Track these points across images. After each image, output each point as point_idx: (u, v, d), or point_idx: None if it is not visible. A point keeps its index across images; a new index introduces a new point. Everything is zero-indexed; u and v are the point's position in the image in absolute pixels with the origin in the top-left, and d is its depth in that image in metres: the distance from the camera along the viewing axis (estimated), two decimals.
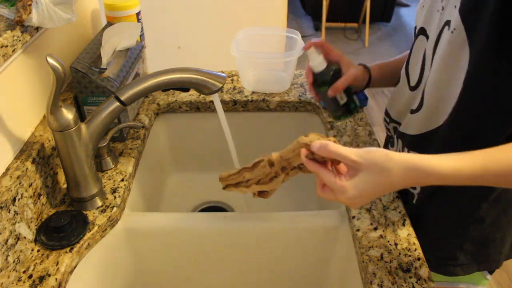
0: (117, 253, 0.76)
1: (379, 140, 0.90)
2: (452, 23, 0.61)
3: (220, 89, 0.72)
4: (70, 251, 0.64)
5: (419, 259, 0.64)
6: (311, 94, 0.95)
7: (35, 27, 0.70)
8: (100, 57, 0.81)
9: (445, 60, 0.63)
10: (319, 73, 0.81)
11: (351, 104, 0.82)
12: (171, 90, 1.04)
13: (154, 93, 1.03)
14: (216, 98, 0.75)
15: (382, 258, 0.64)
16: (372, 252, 0.65)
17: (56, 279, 0.61)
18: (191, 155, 1.10)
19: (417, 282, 0.60)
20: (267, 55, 1.02)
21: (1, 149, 0.64)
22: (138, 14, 0.98)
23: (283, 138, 1.07)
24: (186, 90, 0.77)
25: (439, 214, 0.74)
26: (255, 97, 1.02)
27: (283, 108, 1.02)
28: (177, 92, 1.04)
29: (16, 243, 0.61)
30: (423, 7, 0.71)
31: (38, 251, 0.65)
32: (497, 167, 0.50)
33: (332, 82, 0.80)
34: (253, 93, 1.03)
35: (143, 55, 0.97)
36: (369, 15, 3.59)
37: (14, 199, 0.62)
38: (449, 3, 0.63)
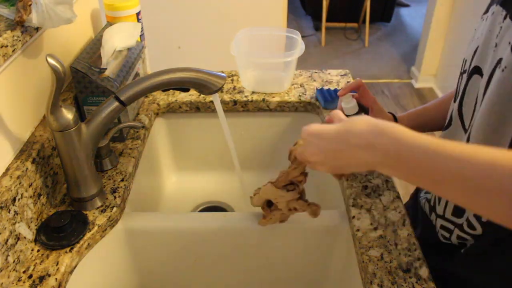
0: (117, 253, 0.76)
1: None
2: (503, 60, 0.53)
3: (220, 89, 0.72)
4: (70, 251, 0.64)
5: (419, 259, 0.64)
6: None
7: (35, 27, 0.70)
8: (100, 57, 0.81)
9: (494, 102, 0.54)
10: (348, 116, 0.82)
11: None
12: (171, 90, 1.04)
13: (154, 93, 1.03)
14: (216, 98, 0.75)
15: (382, 258, 0.64)
16: (372, 252, 0.65)
17: (56, 279, 0.61)
18: (191, 155, 1.10)
19: (417, 282, 0.60)
20: (267, 55, 1.02)
21: (1, 149, 0.64)
22: (138, 14, 0.98)
23: (283, 138, 1.08)
24: (186, 90, 0.77)
25: (498, 271, 0.59)
26: (255, 97, 1.02)
27: (283, 108, 1.02)
28: (177, 92, 1.04)
29: (16, 243, 0.61)
30: (473, 41, 0.64)
31: (38, 251, 0.65)
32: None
33: None
34: (253, 93, 1.03)
35: (143, 55, 0.98)
36: (369, 15, 3.59)
37: (14, 199, 0.62)
38: (503, 39, 0.55)
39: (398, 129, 0.43)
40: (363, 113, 0.81)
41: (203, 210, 1.04)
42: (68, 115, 0.64)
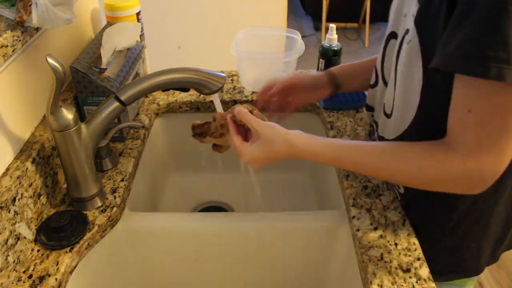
0: (117, 253, 0.76)
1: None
2: (410, 32, 0.60)
3: (220, 89, 0.72)
4: (70, 251, 0.64)
5: (419, 259, 0.64)
6: None
7: (35, 27, 0.70)
8: (100, 57, 0.81)
9: (404, 71, 0.63)
10: None
11: None
12: (171, 90, 1.04)
13: (154, 93, 1.03)
14: (216, 98, 0.75)
15: (382, 258, 0.64)
16: (372, 252, 0.65)
17: (56, 279, 0.61)
18: (191, 155, 1.10)
19: (417, 282, 0.60)
20: (267, 55, 1.02)
21: (1, 149, 0.64)
22: (138, 14, 0.98)
23: None
24: (186, 90, 0.78)
25: (415, 222, 0.71)
26: (255, 97, 1.02)
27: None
28: (177, 92, 1.04)
29: (16, 243, 0.62)
30: (392, 7, 0.70)
31: (38, 251, 0.65)
32: (348, 160, 0.61)
33: None
34: (253, 93, 1.03)
35: (143, 55, 0.98)
36: (369, 15, 3.59)
37: (14, 199, 0.62)
38: (409, 10, 0.61)
39: (303, 142, 0.62)
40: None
41: (203, 210, 1.04)
42: (68, 115, 0.64)
